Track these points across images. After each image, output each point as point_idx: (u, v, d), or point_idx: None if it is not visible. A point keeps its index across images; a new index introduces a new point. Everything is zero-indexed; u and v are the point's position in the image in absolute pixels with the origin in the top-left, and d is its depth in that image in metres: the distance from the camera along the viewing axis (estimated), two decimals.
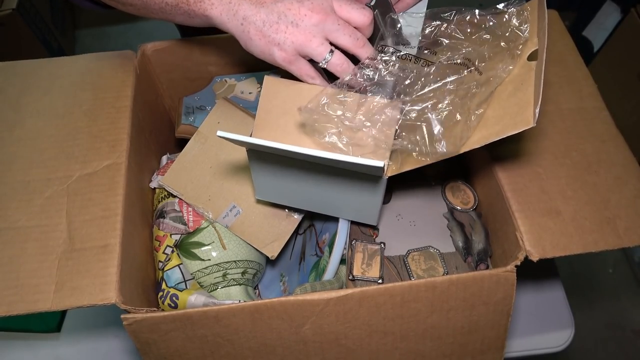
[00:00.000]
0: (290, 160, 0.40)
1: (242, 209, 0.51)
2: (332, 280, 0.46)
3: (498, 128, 0.37)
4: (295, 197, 0.46)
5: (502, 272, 0.40)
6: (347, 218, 0.48)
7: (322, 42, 0.38)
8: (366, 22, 0.39)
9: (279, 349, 0.42)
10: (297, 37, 0.38)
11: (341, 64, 0.39)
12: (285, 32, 0.38)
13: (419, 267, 0.47)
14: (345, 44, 0.39)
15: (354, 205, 0.45)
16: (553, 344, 0.61)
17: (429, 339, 0.42)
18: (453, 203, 0.52)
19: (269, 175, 0.44)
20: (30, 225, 0.43)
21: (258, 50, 0.39)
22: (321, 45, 0.38)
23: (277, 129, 0.42)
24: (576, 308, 0.64)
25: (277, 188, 0.45)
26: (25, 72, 0.53)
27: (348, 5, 0.39)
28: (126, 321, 0.39)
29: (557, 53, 0.53)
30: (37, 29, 1.48)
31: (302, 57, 0.39)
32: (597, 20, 1.41)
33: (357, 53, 0.40)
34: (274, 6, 0.38)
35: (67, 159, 0.46)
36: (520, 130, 0.35)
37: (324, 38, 0.38)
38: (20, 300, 0.39)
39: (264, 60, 0.40)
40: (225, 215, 0.50)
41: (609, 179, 0.45)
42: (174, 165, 0.52)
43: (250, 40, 0.39)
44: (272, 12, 0.38)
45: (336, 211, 0.47)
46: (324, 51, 0.38)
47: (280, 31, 0.38)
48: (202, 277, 0.50)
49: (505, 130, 0.36)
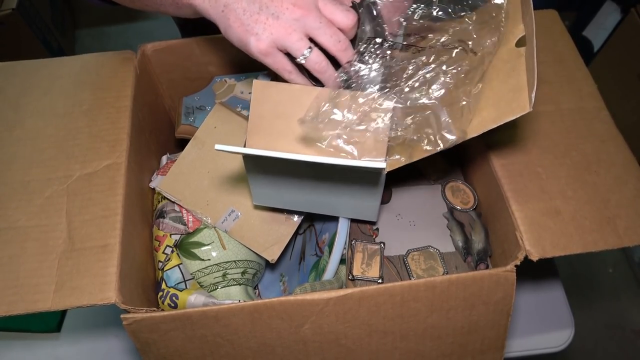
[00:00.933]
0: (288, 166, 0.40)
1: (241, 213, 0.51)
2: (332, 280, 0.46)
3: (495, 115, 0.37)
4: (293, 200, 0.46)
5: (502, 271, 0.40)
6: (347, 216, 0.48)
7: (301, 38, 0.37)
8: (349, 25, 0.38)
9: (278, 348, 0.42)
10: (276, 29, 0.37)
11: (320, 62, 0.38)
12: (265, 23, 0.37)
13: (419, 267, 0.47)
14: (326, 44, 0.38)
15: (353, 203, 0.45)
16: (553, 344, 0.61)
17: (428, 339, 0.42)
18: (453, 203, 0.52)
19: (266, 180, 0.44)
20: (30, 225, 0.43)
21: (235, 39, 0.39)
22: (300, 40, 0.37)
23: (272, 133, 0.42)
24: (576, 308, 0.64)
25: (274, 193, 0.45)
26: (25, 72, 0.53)
27: (333, 5, 0.38)
28: (126, 321, 0.39)
29: (557, 53, 0.53)
30: (37, 28, 1.48)
31: (280, 50, 0.38)
32: (597, 20, 1.41)
33: (338, 56, 0.39)
34: None
35: (67, 158, 0.46)
36: (517, 115, 0.35)
37: (304, 34, 0.38)
38: (20, 300, 0.39)
39: (242, 49, 0.39)
40: (224, 219, 0.50)
41: (609, 178, 0.45)
42: (172, 170, 0.52)
43: (229, 27, 0.38)
44: (254, 2, 0.37)
45: (335, 210, 0.47)
46: (302, 47, 0.38)
47: (260, 22, 0.37)
48: (202, 277, 0.50)
49: (503, 117, 0.36)
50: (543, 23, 0.56)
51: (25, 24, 1.42)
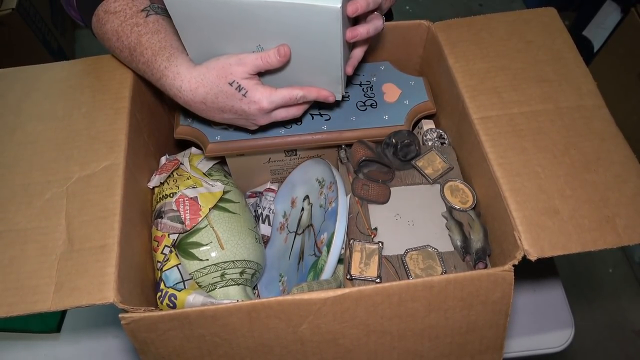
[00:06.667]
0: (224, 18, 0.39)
1: None
2: (330, 280, 0.46)
3: None
4: None
5: (500, 271, 0.40)
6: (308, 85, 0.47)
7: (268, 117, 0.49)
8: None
9: (276, 348, 0.42)
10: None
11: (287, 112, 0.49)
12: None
13: (417, 267, 0.47)
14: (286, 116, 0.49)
15: (310, 68, 0.44)
16: (553, 344, 0.61)
17: (427, 339, 0.42)
18: (452, 202, 0.52)
19: (201, 39, 0.44)
20: (30, 227, 0.43)
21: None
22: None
23: None
24: (576, 308, 0.64)
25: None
26: (26, 77, 0.54)
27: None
28: (124, 320, 0.39)
29: (555, 51, 0.53)
30: (37, 29, 1.49)
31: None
32: (597, 20, 1.41)
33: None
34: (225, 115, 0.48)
35: (66, 161, 0.47)
36: None
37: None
38: (20, 301, 0.39)
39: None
40: None
41: (609, 177, 0.44)
42: None
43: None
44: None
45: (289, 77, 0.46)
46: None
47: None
48: (201, 277, 0.50)
49: None
50: (541, 21, 0.56)
51: (25, 24, 1.42)
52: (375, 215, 0.52)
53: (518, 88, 0.50)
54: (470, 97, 0.50)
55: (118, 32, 0.47)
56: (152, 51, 0.46)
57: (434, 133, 0.60)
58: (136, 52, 0.47)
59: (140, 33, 0.46)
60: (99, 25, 0.48)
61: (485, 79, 0.51)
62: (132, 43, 0.47)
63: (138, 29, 0.47)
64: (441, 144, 0.59)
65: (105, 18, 0.48)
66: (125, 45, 0.47)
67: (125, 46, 0.47)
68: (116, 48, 0.49)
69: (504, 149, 0.46)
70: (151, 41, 0.46)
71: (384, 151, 0.55)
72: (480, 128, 0.48)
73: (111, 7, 0.48)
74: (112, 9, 0.47)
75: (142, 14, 0.47)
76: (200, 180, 0.54)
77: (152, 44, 0.46)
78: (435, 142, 0.59)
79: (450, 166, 0.55)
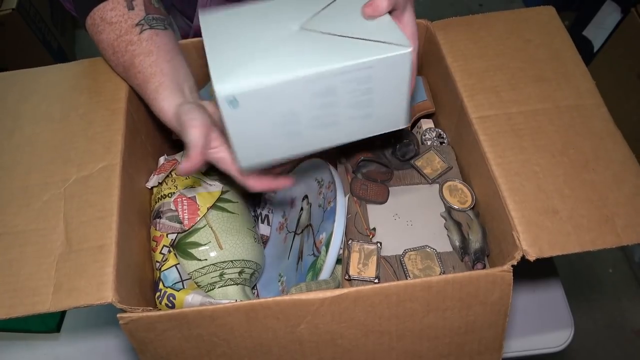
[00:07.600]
0: (289, 93, 0.34)
1: None
2: (328, 280, 0.46)
3: None
4: (294, 142, 0.38)
5: (499, 271, 0.40)
6: (368, 134, 0.40)
7: None
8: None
9: (274, 348, 0.42)
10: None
11: None
12: None
13: (416, 267, 0.47)
14: None
15: (374, 111, 0.37)
16: (553, 344, 0.61)
17: (425, 339, 0.42)
18: (450, 202, 0.52)
19: (258, 128, 0.36)
20: (28, 229, 0.43)
21: None
22: None
23: (245, 62, 0.35)
24: (576, 308, 0.64)
25: (270, 140, 0.38)
26: (23, 80, 0.54)
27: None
28: (122, 320, 0.39)
29: (554, 49, 0.53)
30: (37, 28, 1.49)
31: None
32: (597, 20, 1.40)
33: None
34: None
35: (64, 162, 0.47)
36: None
37: None
38: (19, 302, 0.39)
39: None
40: None
41: (607, 176, 0.44)
42: None
43: None
44: None
45: (350, 133, 0.38)
46: None
47: None
48: (199, 277, 0.50)
49: None
50: (540, 20, 0.56)
51: (25, 24, 1.42)
52: (374, 215, 0.52)
53: (517, 87, 0.50)
54: (468, 96, 0.50)
55: (114, 47, 0.47)
56: (144, 76, 0.46)
57: (433, 132, 0.59)
58: (130, 72, 0.47)
59: (133, 53, 0.46)
60: (95, 31, 0.48)
61: (484, 78, 0.51)
62: (127, 63, 0.47)
63: (132, 48, 0.46)
64: (440, 144, 0.59)
65: (101, 26, 0.47)
66: (120, 62, 0.48)
67: (120, 63, 0.48)
68: (111, 61, 0.50)
69: (503, 149, 0.46)
70: (143, 65, 0.46)
71: (382, 151, 0.55)
72: (479, 127, 0.47)
73: (107, 15, 0.47)
74: (108, 18, 0.47)
75: (137, 30, 0.47)
76: (198, 180, 0.54)
77: (144, 68, 0.46)
78: (435, 142, 0.59)
79: (449, 166, 0.55)
